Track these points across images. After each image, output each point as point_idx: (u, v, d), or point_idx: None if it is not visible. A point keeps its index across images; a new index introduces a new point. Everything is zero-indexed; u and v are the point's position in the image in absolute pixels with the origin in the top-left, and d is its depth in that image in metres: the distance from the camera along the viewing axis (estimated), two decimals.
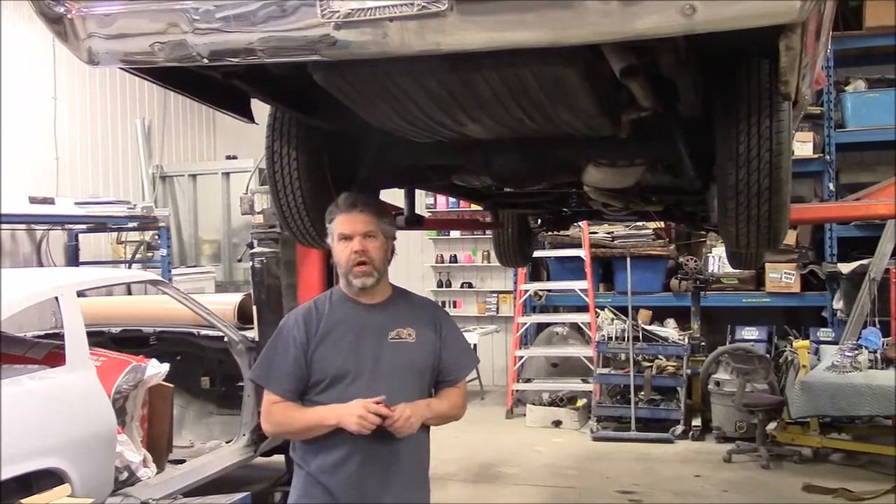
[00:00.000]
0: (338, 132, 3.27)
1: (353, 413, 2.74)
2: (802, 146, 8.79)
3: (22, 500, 2.50)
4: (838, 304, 8.80)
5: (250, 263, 6.19)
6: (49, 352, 4.80)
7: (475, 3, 1.95)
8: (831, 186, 9.02)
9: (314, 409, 2.87)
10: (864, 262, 8.35)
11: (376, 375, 2.86)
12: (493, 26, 1.97)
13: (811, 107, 8.28)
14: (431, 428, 3.06)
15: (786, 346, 8.59)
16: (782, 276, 9.14)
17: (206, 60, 2.22)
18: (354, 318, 2.93)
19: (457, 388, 3.07)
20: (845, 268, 8.62)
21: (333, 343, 2.89)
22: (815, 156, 9.01)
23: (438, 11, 1.95)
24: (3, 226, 8.18)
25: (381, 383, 2.85)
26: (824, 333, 8.81)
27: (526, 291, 10.08)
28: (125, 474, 4.63)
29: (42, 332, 5.72)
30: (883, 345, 7.45)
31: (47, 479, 3.97)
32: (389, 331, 2.93)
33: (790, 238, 8.77)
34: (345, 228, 2.88)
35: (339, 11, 2.03)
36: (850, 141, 9.08)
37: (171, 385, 5.22)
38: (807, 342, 8.15)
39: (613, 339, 8.98)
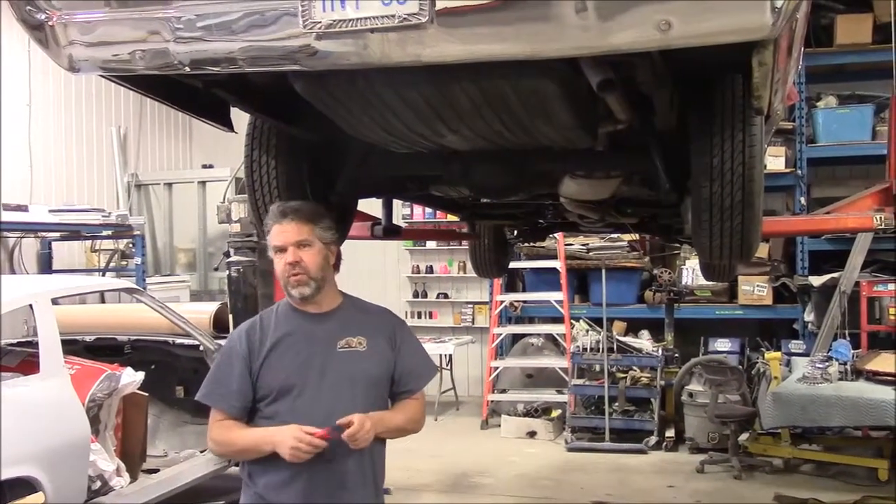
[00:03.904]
0: (317, 142, 3.28)
1: (285, 443, 2.65)
2: (775, 160, 8.90)
3: None
4: (809, 316, 8.89)
5: (227, 272, 6.19)
6: (23, 359, 4.77)
7: (455, 15, 1.97)
8: (803, 200, 9.13)
9: (251, 431, 2.78)
10: (835, 275, 8.45)
11: (323, 387, 2.78)
12: (473, 39, 1.99)
13: (783, 122, 8.39)
14: (405, 438, 2.98)
15: (758, 358, 8.67)
16: (755, 289, 9.24)
17: (187, 69, 2.23)
18: (301, 329, 2.85)
19: (414, 399, 2.96)
20: (816, 281, 8.71)
21: (279, 356, 2.81)
22: (787, 170, 9.13)
23: (419, 23, 1.97)
24: None
25: (328, 395, 2.77)
26: (796, 345, 8.91)
27: (501, 302, 10.11)
28: (98, 483, 4.60)
29: (14, 341, 5.67)
30: (853, 357, 7.54)
31: (20, 487, 3.94)
32: (338, 340, 2.84)
33: (762, 251, 8.88)
34: (277, 240, 2.80)
35: (320, 22, 2.04)
36: (821, 156, 9.20)
37: (146, 394, 5.20)
38: (778, 354, 8.23)
39: (588, 350, 9.02)
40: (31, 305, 4.61)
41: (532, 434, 9.11)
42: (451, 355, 10.54)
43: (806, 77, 8.79)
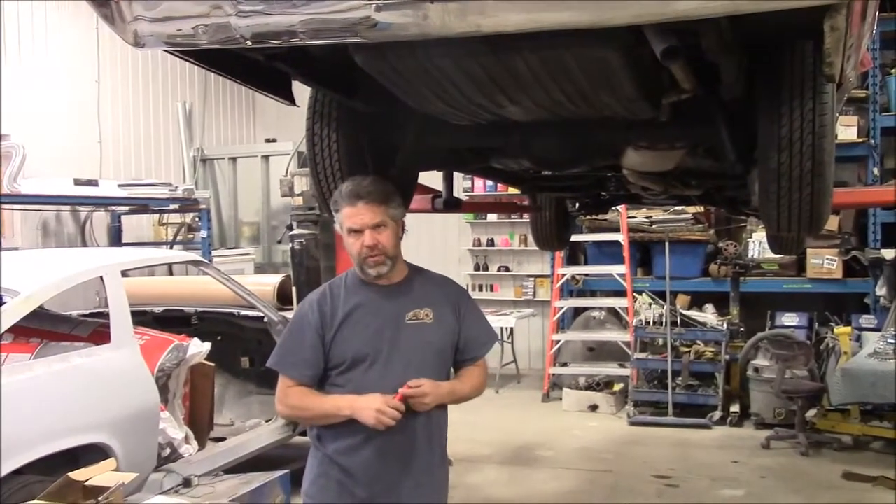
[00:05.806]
0: (377, 114, 3.28)
1: (370, 407, 2.74)
2: (846, 130, 8.63)
3: (69, 474, 2.57)
4: (881, 290, 8.64)
5: (290, 245, 6.26)
6: (94, 330, 4.90)
7: None
8: (875, 171, 8.85)
9: (330, 397, 2.87)
10: None
11: (393, 358, 2.87)
12: (534, 7, 1.96)
13: (856, 90, 8.13)
14: (466, 411, 3.06)
15: (827, 333, 8.50)
16: (824, 262, 9.01)
17: (248, 43, 2.23)
18: (371, 301, 2.92)
19: (476, 366, 3.05)
20: (889, 254, 8.47)
21: (351, 326, 2.89)
22: (860, 140, 8.84)
23: None
24: (49, 207, 8.36)
25: (399, 366, 2.85)
26: (866, 320, 8.68)
27: (563, 275, 10.05)
28: (168, 451, 4.72)
29: (87, 312, 5.83)
30: None
31: (93, 453, 4.05)
32: (407, 312, 2.92)
33: (832, 223, 8.64)
34: (353, 223, 2.84)
35: None
36: (895, 125, 8.91)
37: (213, 364, 5.30)
38: (848, 329, 8.05)
39: (651, 323, 8.95)
40: (101, 277, 4.72)
41: (594, 408, 9.07)
42: (512, 328, 10.55)
43: (881, 43, 8.52)
